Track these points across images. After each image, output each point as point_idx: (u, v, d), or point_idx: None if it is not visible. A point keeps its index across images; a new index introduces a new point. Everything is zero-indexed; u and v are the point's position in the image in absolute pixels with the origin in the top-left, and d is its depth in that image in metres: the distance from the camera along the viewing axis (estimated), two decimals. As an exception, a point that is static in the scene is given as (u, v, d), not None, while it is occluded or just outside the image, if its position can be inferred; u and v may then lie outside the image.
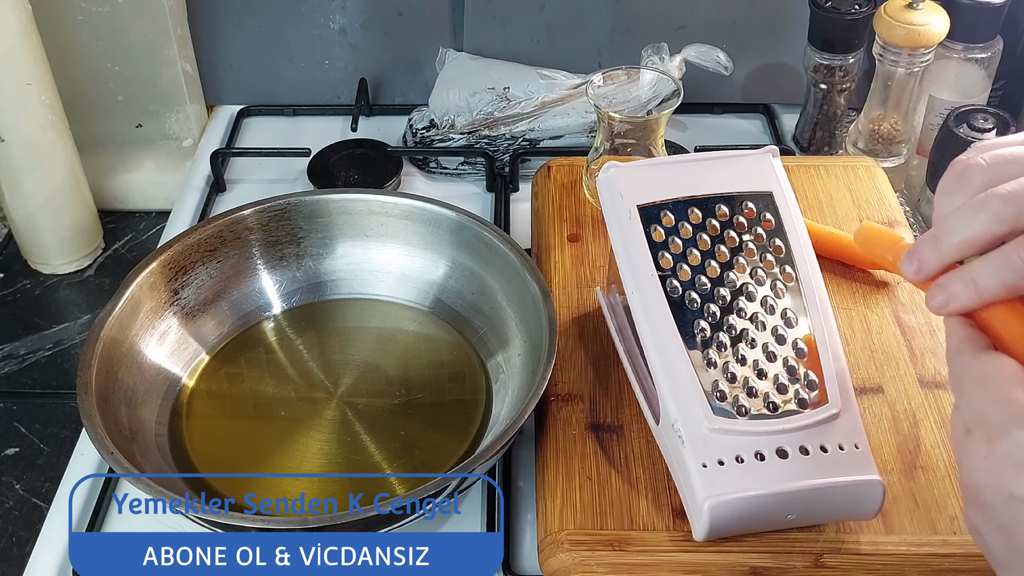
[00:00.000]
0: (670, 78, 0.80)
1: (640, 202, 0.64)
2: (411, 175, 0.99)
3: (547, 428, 0.68)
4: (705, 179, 0.65)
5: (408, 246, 0.80)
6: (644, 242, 0.63)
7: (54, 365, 0.85)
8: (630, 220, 0.63)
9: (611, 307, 0.73)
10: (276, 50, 1.05)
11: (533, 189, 0.89)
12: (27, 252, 0.94)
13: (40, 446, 0.78)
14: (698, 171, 0.66)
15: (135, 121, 1.02)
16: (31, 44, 0.85)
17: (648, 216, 0.64)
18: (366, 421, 0.72)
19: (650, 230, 0.63)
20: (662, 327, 0.61)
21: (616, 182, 0.65)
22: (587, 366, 0.72)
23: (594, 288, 0.77)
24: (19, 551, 0.70)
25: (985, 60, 0.92)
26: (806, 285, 0.63)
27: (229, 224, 0.78)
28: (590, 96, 0.80)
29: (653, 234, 0.63)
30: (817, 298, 0.63)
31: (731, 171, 0.65)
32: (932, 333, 0.74)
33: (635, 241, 0.63)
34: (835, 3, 0.91)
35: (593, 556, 0.60)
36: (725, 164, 0.66)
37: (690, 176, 0.65)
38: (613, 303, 0.73)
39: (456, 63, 1.02)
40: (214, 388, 0.74)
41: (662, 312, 0.61)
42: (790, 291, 0.63)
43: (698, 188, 0.65)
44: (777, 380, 0.60)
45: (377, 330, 0.79)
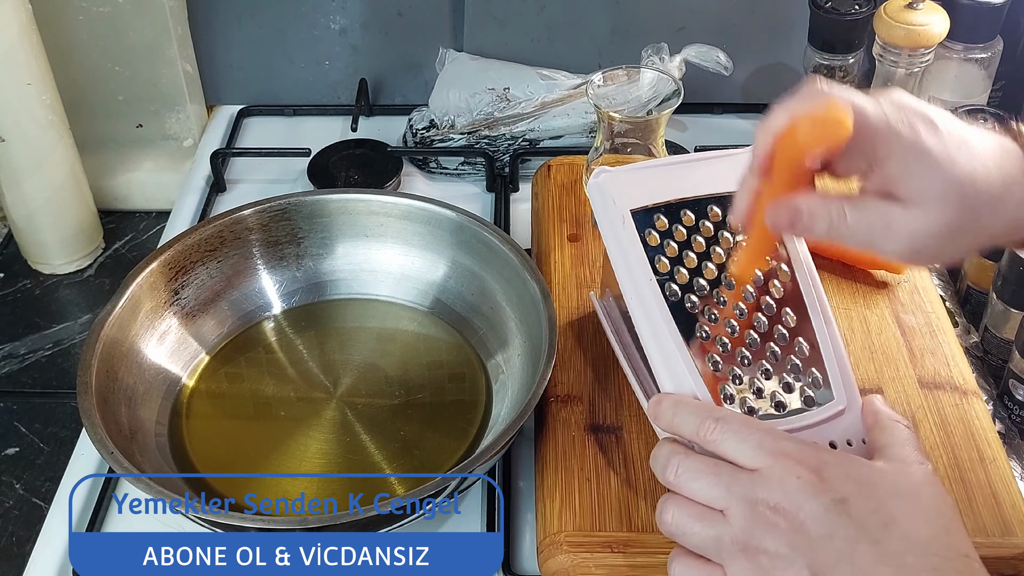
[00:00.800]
0: (670, 78, 0.80)
1: (633, 207, 0.63)
2: (411, 175, 0.99)
3: (546, 429, 0.68)
4: (697, 180, 0.65)
5: (408, 246, 0.80)
6: (640, 247, 0.62)
7: (54, 365, 0.85)
8: (624, 225, 0.63)
9: (606, 311, 0.73)
10: (276, 50, 1.06)
11: (533, 189, 0.89)
12: (27, 252, 0.94)
13: (40, 446, 0.79)
14: (689, 172, 0.65)
15: (135, 121, 1.02)
16: (31, 44, 0.85)
17: (642, 220, 0.63)
18: (366, 421, 0.72)
19: (645, 234, 0.63)
20: (664, 332, 0.60)
21: (607, 187, 0.64)
22: (586, 367, 0.72)
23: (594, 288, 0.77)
24: (19, 551, 0.70)
25: (985, 60, 0.92)
26: (803, 283, 0.63)
27: (229, 224, 0.78)
28: (590, 96, 0.80)
29: (648, 238, 0.63)
30: (815, 295, 0.62)
31: (722, 171, 0.64)
32: (932, 334, 0.74)
33: (631, 246, 0.63)
34: (835, 3, 0.91)
35: (592, 558, 0.60)
36: (716, 164, 0.65)
37: (681, 178, 0.65)
38: (608, 307, 0.72)
39: (456, 63, 1.02)
40: (214, 388, 0.75)
41: (663, 317, 0.61)
42: (788, 290, 0.62)
43: (690, 190, 0.64)
44: (783, 379, 0.60)
45: (377, 330, 0.79)
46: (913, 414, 0.68)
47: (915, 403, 0.69)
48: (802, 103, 0.53)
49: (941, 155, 0.51)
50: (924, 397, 0.69)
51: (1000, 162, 0.52)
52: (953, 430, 0.67)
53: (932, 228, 0.52)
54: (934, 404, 0.69)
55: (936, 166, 0.51)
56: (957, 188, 0.51)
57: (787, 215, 0.54)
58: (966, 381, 0.70)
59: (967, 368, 0.72)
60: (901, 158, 0.52)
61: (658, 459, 0.56)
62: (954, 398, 0.69)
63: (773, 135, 0.53)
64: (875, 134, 0.52)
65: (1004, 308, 0.77)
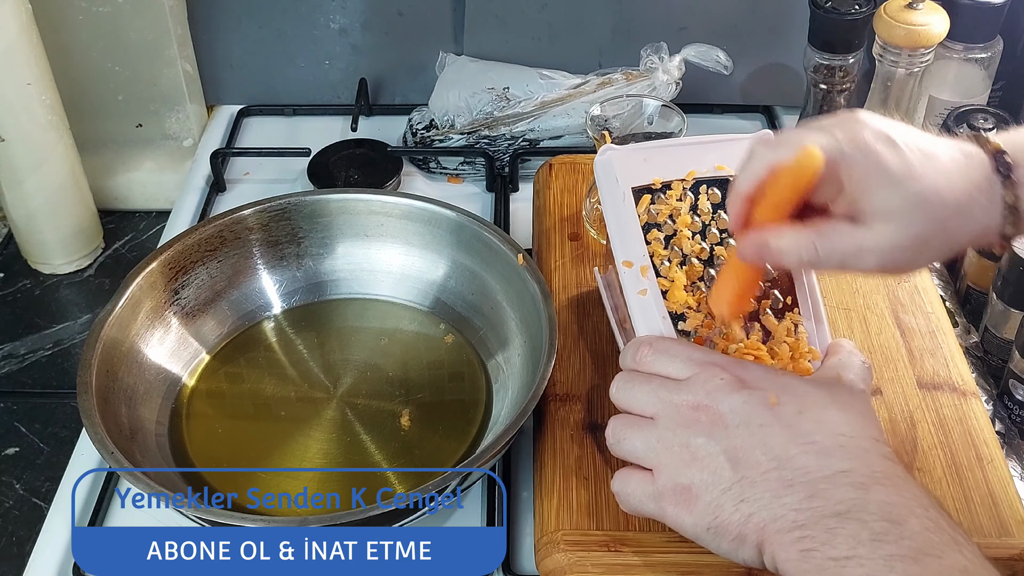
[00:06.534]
0: (674, 110, 0.80)
1: (634, 184, 0.65)
2: (411, 175, 0.99)
3: (545, 428, 0.68)
4: (700, 162, 0.67)
5: (408, 246, 0.80)
6: (636, 223, 0.65)
7: (54, 365, 0.86)
8: (624, 202, 0.65)
9: (608, 286, 0.73)
10: (276, 50, 1.06)
11: (535, 187, 0.89)
12: (27, 252, 0.94)
13: (40, 446, 0.79)
14: (693, 154, 0.67)
15: (135, 121, 1.02)
16: (31, 44, 0.85)
17: (642, 198, 0.65)
18: (366, 421, 0.72)
19: (643, 212, 0.65)
20: (652, 308, 0.63)
21: (612, 164, 0.66)
22: (585, 366, 0.72)
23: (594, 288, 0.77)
24: (19, 551, 0.70)
25: (985, 60, 0.92)
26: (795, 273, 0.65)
27: (229, 224, 0.78)
28: (588, 128, 0.80)
29: (646, 216, 0.65)
30: (805, 280, 0.65)
31: (725, 154, 0.67)
32: (931, 334, 0.74)
33: (628, 222, 0.65)
34: (835, 3, 0.91)
35: (589, 556, 0.60)
36: (720, 147, 0.68)
37: (685, 159, 0.67)
38: (610, 282, 0.73)
39: (456, 66, 1.02)
40: (214, 388, 0.75)
41: (653, 293, 0.63)
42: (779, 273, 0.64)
43: (692, 171, 0.66)
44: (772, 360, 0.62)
45: (377, 330, 0.79)
46: (911, 415, 0.68)
47: (913, 404, 0.69)
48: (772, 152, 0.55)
49: (900, 171, 0.52)
50: (923, 398, 0.69)
51: (965, 170, 0.54)
52: (951, 431, 0.67)
53: (900, 242, 0.53)
54: (932, 405, 0.69)
55: (896, 182, 0.52)
56: (920, 201, 0.52)
57: (755, 250, 0.56)
58: (965, 382, 0.70)
59: (966, 369, 0.72)
60: (862, 180, 0.53)
61: (611, 387, 0.60)
62: (953, 399, 0.69)
63: (744, 199, 0.56)
64: (835, 165, 0.53)
65: (1004, 308, 0.77)
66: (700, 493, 0.54)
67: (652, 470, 0.56)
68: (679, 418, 0.56)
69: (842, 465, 0.52)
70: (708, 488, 0.54)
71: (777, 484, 0.52)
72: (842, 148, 0.53)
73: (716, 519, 0.54)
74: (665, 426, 0.56)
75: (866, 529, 0.49)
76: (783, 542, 0.51)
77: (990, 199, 0.54)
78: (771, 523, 0.52)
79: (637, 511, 0.58)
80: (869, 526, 0.49)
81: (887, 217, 0.53)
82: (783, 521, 0.51)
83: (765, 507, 0.52)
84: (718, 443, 0.54)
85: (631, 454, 0.58)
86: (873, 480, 0.52)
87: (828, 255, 0.54)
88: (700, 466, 0.54)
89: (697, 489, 0.54)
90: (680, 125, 0.79)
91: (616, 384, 0.60)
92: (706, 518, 0.54)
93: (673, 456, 0.55)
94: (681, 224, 0.65)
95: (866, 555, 0.49)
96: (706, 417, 0.55)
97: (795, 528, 0.51)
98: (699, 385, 0.56)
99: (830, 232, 0.54)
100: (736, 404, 0.55)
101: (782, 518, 0.52)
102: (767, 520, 0.52)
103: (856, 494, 0.51)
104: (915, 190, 0.52)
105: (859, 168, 0.53)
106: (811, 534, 0.50)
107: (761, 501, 0.52)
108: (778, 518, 0.52)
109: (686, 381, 0.57)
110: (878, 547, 0.49)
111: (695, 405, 0.56)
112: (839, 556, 0.49)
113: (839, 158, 0.53)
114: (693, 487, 0.54)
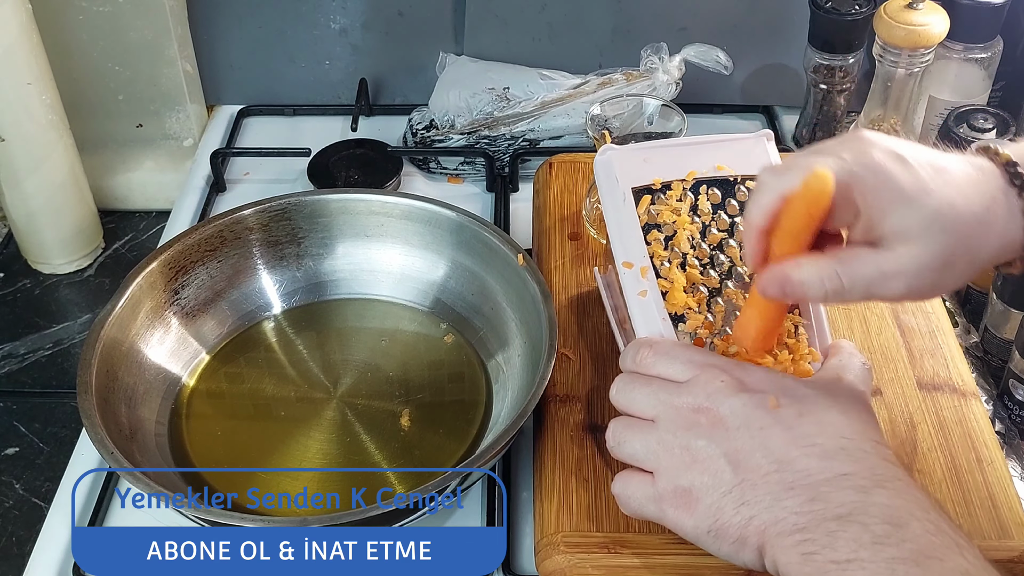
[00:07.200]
0: (675, 110, 0.80)
1: (634, 185, 0.65)
2: (411, 175, 0.99)
3: (544, 429, 0.68)
4: (700, 162, 0.67)
5: (408, 246, 0.80)
6: (637, 224, 0.64)
7: (54, 365, 0.86)
8: (624, 202, 0.65)
9: (608, 286, 0.73)
10: (276, 50, 1.05)
11: (535, 186, 0.89)
12: (27, 252, 0.94)
13: (40, 446, 0.79)
14: (693, 154, 0.67)
15: (135, 121, 1.02)
16: (31, 44, 0.85)
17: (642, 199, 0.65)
18: (366, 421, 0.72)
19: (644, 212, 0.65)
20: (652, 308, 0.62)
21: (612, 165, 0.66)
22: (585, 367, 0.72)
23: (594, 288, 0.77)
24: (19, 551, 0.70)
25: (985, 60, 0.92)
26: None
27: (229, 224, 0.78)
28: (588, 128, 0.80)
29: (647, 216, 0.65)
30: None
31: (726, 154, 0.67)
32: (931, 335, 0.74)
33: (628, 224, 0.65)
34: (835, 3, 0.91)
35: (588, 558, 0.60)
36: (720, 147, 0.67)
37: (685, 159, 0.67)
38: (610, 282, 0.73)
39: (456, 66, 1.02)
40: (214, 388, 0.75)
41: (653, 294, 0.63)
42: None
43: (692, 171, 0.66)
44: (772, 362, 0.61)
45: (377, 330, 0.79)
46: (911, 416, 0.68)
47: (913, 404, 0.69)
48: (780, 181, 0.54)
49: (914, 188, 0.51)
50: (922, 399, 0.69)
51: (978, 184, 0.53)
52: (951, 432, 0.67)
53: (925, 262, 0.52)
54: (932, 406, 0.69)
55: (911, 200, 0.51)
56: (938, 217, 0.52)
57: (776, 287, 0.55)
58: (965, 383, 0.70)
59: (966, 370, 0.72)
60: (875, 201, 0.52)
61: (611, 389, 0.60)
62: (953, 400, 0.69)
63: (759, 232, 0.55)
64: (847, 188, 0.52)
65: (1004, 308, 0.77)
66: (701, 496, 0.54)
67: (653, 472, 0.56)
68: (679, 420, 0.56)
69: (843, 468, 0.52)
70: (709, 491, 0.54)
71: (778, 487, 0.52)
72: (851, 169, 0.52)
73: (717, 522, 0.54)
74: (665, 428, 0.56)
75: (867, 532, 0.49)
76: (784, 545, 0.51)
77: (1008, 211, 0.53)
78: (772, 526, 0.52)
79: (637, 513, 0.58)
80: (870, 529, 0.49)
81: (907, 237, 0.52)
82: (784, 524, 0.51)
83: (766, 510, 0.52)
84: (719, 445, 0.54)
85: (631, 456, 0.58)
86: (874, 483, 0.52)
87: (852, 283, 0.53)
88: (701, 469, 0.54)
89: (698, 492, 0.54)
90: (680, 125, 0.79)
91: (616, 386, 0.60)
92: (707, 521, 0.54)
93: (674, 458, 0.55)
94: (681, 225, 0.65)
95: (868, 558, 0.49)
96: (706, 419, 0.55)
97: (796, 531, 0.51)
98: (699, 387, 0.56)
99: (851, 259, 0.53)
100: (737, 406, 0.55)
101: (783, 521, 0.51)
102: (768, 523, 0.52)
103: (857, 497, 0.51)
104: (931, 206, 0.51)
105: (871, 188, 0.52)
106: (812, 537, 0.50)
107: (762, 504, 0.52)
108: (779, 521, 0.52)
109: (686, 383, 0.57)
110: (880, 550, 0.49)
111: (695, 407, 0.56)
112: (840, 559, 0.49)
113: (850, 180, 0.52)
114: (694, 490, 0.54)
